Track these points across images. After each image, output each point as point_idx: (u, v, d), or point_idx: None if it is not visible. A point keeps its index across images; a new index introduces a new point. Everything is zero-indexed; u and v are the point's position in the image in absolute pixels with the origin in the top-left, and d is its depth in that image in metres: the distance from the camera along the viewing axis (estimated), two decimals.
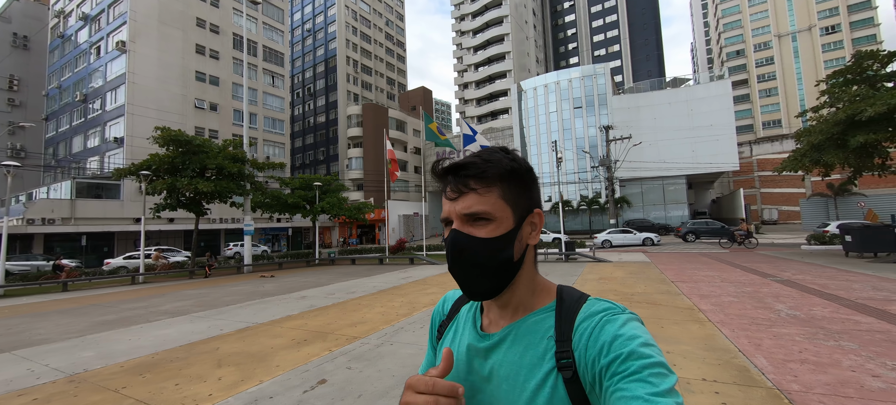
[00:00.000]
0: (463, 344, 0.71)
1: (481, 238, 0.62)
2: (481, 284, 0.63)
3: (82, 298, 11.86)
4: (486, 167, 0.63)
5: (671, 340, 4.87)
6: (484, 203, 0.62)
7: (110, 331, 6.85)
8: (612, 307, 0.62)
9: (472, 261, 0.62)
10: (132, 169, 16.32)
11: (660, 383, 0.50)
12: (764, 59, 66.78)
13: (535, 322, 0.65)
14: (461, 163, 0.64)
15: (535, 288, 0.68)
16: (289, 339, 5.66)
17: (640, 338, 0.55)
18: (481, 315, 0.73)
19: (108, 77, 33.68)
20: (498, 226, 0.63)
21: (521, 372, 0.62)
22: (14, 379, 4.51)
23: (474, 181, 0.63)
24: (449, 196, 0.65)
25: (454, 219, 0.64)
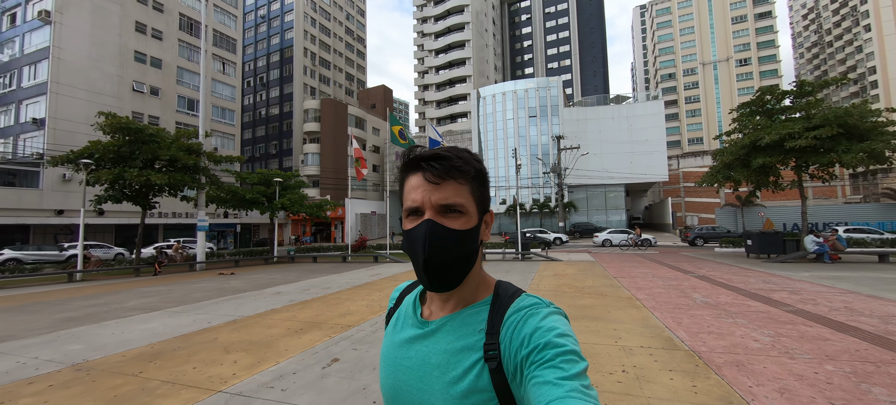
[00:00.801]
0: (403, 331, 0.75)
1: (456, 230, 0.65)
2: (447, 276, 0.66)
3: (20, 296, 10.86)
4: (461, 163, 0.67)
5: (617, 321, 6.04)
6: (460, 195, 0.66)
7: (83, 326, 6.69)
8: (539, 302, 0.66)
9: (446, 252, 0.65)
10: (70, 156, 14.91)
11: (570, 368, 0.54)
12: (691, 83, 75.18)
13: (470, 314, 0.69)
14: (441, 153, 0.67)
15: (478, 282, 0.72)
16: (285, 329, 6.06)
17: (558, 329, 0.59)
18: (422, 305, 0.77)
19: (24, 49, 29.79)
20: (468, 220, 0.67)
21: (451, 360, 0.65)
22: (10, 370, 4.51)
23: (454, 172, 0.66)
24: (430, 180, 0.66)
25: (428, 209, 0.66)
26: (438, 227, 0.64)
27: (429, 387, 0.66)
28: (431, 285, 0.66)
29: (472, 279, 0.70)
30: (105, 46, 31.21)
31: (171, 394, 3.68)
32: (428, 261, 0.64)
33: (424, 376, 0.67)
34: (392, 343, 0.76)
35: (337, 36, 62.93)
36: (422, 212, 0.66)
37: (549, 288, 9.48)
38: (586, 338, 5.15)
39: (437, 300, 0.74)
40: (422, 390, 0.66)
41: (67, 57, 29.07)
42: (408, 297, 0.82)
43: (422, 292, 0.80)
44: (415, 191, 0.67)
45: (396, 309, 0.83)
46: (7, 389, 3.91)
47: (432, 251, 0.64)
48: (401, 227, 0.71)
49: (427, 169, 0.66)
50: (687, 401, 3.27)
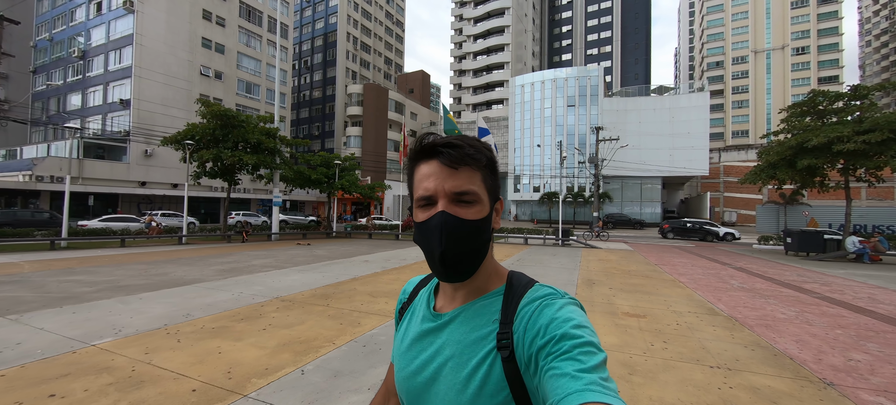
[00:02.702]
0: (416, 323, 0.76)
1: (470, 220, 0.65)
2: (463, 266, 0.65)
3: (166, 253, 13.47)
4: (474, 151, 0.66)
5: (665, 295, 7.46)
6: (474, 182, 0.66)
7: (244, 276, 8.83)
8: (553, 292, 0.65)
9: (463, 242, 0.64)
10: (177, 137, 17.54)
11: (588, 360, 0.53)
12: (740, 72, 71.58)
13: (484, 304, 0.69)
14: (453, 140, 0.66)
15: (490, 272, 0.72)
16: (404, 283, 7.88)
17: (574, 319, 0.58)
18: (435, 297, 0.77)
19: (111, 35, 33.24)
20: (481, 209, 0.66)
21: (465, 351, 0.65)
22: (236, 297, 6.55)
23: (469, 159, 0.65)
24: (446, 163, 0.65)
25: (441, 198, 0.65)
26: (453, 219, 0.64)
27: (444, 379, 0.66)
28: (447, 277, 0.67)
29: (484, 268, 0.70)
30: (178, 33, 34.26)
31: (366, 317, 5.52)
32: (444, 254, 0.64)
33: (439, 368, 0.67)
34: (405, 336, 0.77)
35: (377, 20, 64.42)
36: (435, 202, 0.65)
37: (597, 271, 10.90)
38: (644, 304, 6.62)
39: (448, 291, 0.74)
40: (437, 382, 0.67)
41: (147, 43, 32.27)
42: (422, 291, 0.82)
43: (436, 285, 0.79)
44: (427, 179, 0.66)
45: (409, 303, 0.83)
46: (253, 308, 5.91)
47: (448, 243, 0.63)
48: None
49: (443, 154, 0.65)
50: (726, 341, 4.74)
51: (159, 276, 8.57)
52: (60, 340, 4.33)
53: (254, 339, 4.46)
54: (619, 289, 7.95)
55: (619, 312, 6.07)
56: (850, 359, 4.21)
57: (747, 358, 4.21)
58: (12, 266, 9.90)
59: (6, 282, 7.61)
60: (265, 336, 4.59)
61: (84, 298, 6.35)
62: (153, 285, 7.54)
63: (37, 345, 4.18)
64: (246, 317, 5.37)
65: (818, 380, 3.67)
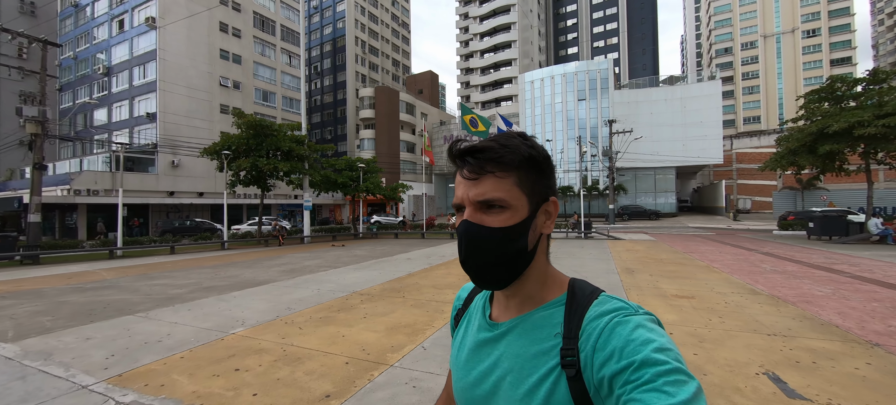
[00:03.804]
0: (473, 332, 0.73)
1: (495, 228, 0.61)
2: (492, 275, 0.63)
3: (217, 257, 14.34)
4: (504, 152, 0.61)
5: (704, 279, 8.03)
6: (500, 189, 0.61)
7: (307, 275, 9.59)
8: (625, 307, 0.59)
9: (485, 252, 0.61)
10: (214, 148, 18.45)
11: (677, 392, 0.46)
12: (749, 57, 70.98)
13: (543, 316, 0.64)
14: (478, 145, 0.63)
15: (545, 279, 0.67)
16: (458, 278, 8.56)
17: (655, 342, 0.51)
18: (491, 304, 0.73)
19: (135, 52, 34.40)
20: (513, 215, 0.61)
21: (526, 365, 0.61)
22: (318, 293, 7.28)
23: (491, 165, 0.61)
24: (466, 176, 0.63)
25: (467, 206, 0.63)
26: (474, 228, 0.62)
27: (503, 394, 0.63)
28: (478, 284, 0.66)
29: (533, 277, 0.66)
30: (197, 46, 35.32)
31: (446, 306, 6.20)
32: (465, 263, 0.63)
33: (498, 381, 0.64)
34: (462, 347, 0.73)
35: (384, 23, 65.13)
36: (464, 209, 0.64)
37: (631, 260, 11.47)
38: (688, 287, 7.21)
39: (501, 299, 0.71)
40: (496, 396, 0.64)
41: (169, 57, 33.37)
42: (478, 298, 0.79)
43: (492, 293, 0.75)
44: (458, 186, 0.65)
45: (465, 309, 0.80)
46: (341, 301, 6.63)
47: (469, 251, 0.62)
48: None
49: (462, 165, 0.64)
50: (775, 315, 5.33)
51: (232, 278, 9.36)
52: (201, 331, 5.08)
53: (363, 326, 5.17)
54: (659, 276, 8.54)
55: (669, 295, 6.67)
56: (891, 326, 4.78)
57: (798, 327, 4.80)
58: (90, 274, 10.79)
59: (101, 288, 8.45)
60: (370, 323, 5.30)
61: (185, 299, 7.13)
62: (235, 286, 8.32)
63: (184, 335, 4.93)
64: (341, 309, 6.09)
65: (865, 342, 4.26)
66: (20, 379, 3.73)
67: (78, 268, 12.09)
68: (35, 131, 17.76)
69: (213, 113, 36.09)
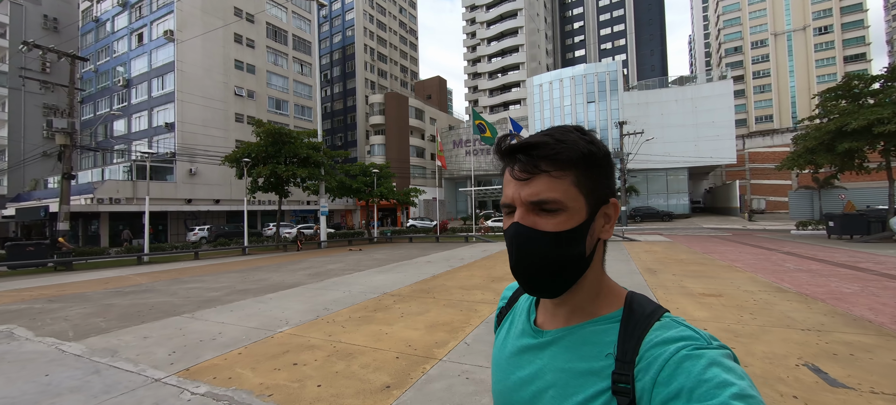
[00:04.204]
0: (515, 335, 0.68)
1: (549, 232, 0.55)
2: (545, 284, 0.58)
3: (241, 262, 14.73)
4: (560, 148, 0.55)
5: (729, 279, 8.09)
6: (555, 189, 0.55)
7: (332, 279, 9.85)
8: (695, 336, 0.51)
9: (538, 258, 0.56)
10: (235, 155, 18.97)
11: None
12: (760, 56, 70.25)
13: (595, 331, 0.58)
14: (531, 141, 0.57)
15: (600, 289, 0.61)
16: (481, 279, 8.74)
17: (734, 386, 0.44)
18: (537, 308, 0.68)
19: (153, 64, 35.40)
20: (569, 218, 0.56)
21: (571, 382, 0.56)
22: (350, 294, 7.52)
23: (546, 163, 0.55)
24: (517, 176, 0.57)
25: (518, 206, 0.58)
26: (525, 231, 0.56)
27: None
28: (530, 291, 0.61)
29: (586, 286, 0.60)
30: (213, 57, 36.22)
31: (478, 305, 6.39)
32: (516, 268, 0.58)
33: (538, 393, 0.59)
34: (504, 348, 0.69)
35: (392, 30, 65.95)
36: (515, 209, 0.58)
37: (651, 261, 11.53)
38: (714, 286, 7.30)
39: (548, 305, 0.65)
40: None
41: (187, 69, 34.28)
42: (523, 299, 0.74)
43: (535, 299, 0.70)
44: (507, 186, 0.60)
45: (509, 308, 0.76)
46: (375, 302, 6.85)
47: (520, 256, 0.57)
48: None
49: (513, 162, 0.58)
50: (805, 312, 5.42)
51: (261, 281, 9.66)
52: (250, 330, 5.34)
53: (402, 324, 5.38)
54: (682, 275, 8.61)
55: (696, 293, 6.77)
56: None
57: (831, 323, 4.89)
58: (124, 279, 11.20)
59: (140, 292, 8.80)
60: (409, 321, 5.51)
61: (224, 301, 7.43)
62: (267, 288, 8.61)
63: (235, 334, 5.20)
64: (377, 309, 6.31)
65: None
66: (95, 373, 4.01)
67: (111, 274, 12.53)
68: (64, 142, 18.42)
69: (228, 122, 36.90)
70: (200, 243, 25.49)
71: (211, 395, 3.37)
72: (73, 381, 3.81)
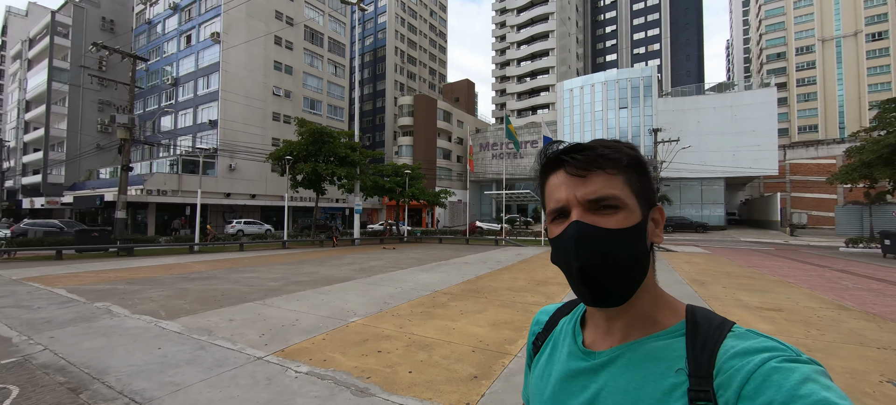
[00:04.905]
0: (561, 360, 0.62)
1: (613, 229, 0.53)
2: (615, 288, 0.53)
3: (284, 256, 15.47)
4: (610, 151, 0.56)
5: (785, 294, 7.91)
6: (613, 186, 0.54)
7: (380, 274, 10.24)
8: (781, 347, 0.47)
9: (607, 256, 0.52)
10: (277, 153, 19.89)
11: None
12: (805, 63, 66.75)
13: (658, 346, 0.53)
14: (583, 144, 0.57)
15: (656, 301, 0.57)
16: (526, 282, 8.90)
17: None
18: (583, 329, 0.63)
19: (200, 64, 37.40)
20: (628, 216, 0.54)
21: (637, 404, 0.51)
22: (402, 291, 7.86)
23: (602, 161, 0.55)
24: (572, 173, 0.55)
25: (574, 207, 0.55)
26: (590, 228, 0.53)
27: None
28: (593, 299, 0.55)
29: (644, 295, 0.56)
30: (255, 58, 37.92)
31: (532, 306, 6.57)
32: (583, 270, 0.53)
33: None
34: (547, 376, 0.63)
35: (422, 33, 66.83)
36: (568, 213, 0.56)
37: (695, 272, 11.32)
38: (770, 300, 7.17)
39: (601, 324, 0.60)
40: None
41: (231, 69, 36.03)
42: (564, 321, 0.68)
43: (583, 315, 0.65)
44: (558, 189, 0.57)
45: (546, 334, 0.69)
46: (430, 298, 7.15)
47: (586, 256, 0.52)
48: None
49: (569, 162, 0.56)
50: (877, 331, 5.30)
51: (313, 274, 10.16)
52: (323, 319, 5.73)
53: (466, 321, 5.63)
54: (734, 288, 8.47)
55: (753, 306, 6.69)
56: None
57: None
58: (184, 266, 12.01)
59: (204, 278, 9.46)
60: (471, 319, 5.75)
61: (285, 291, 7.91)
62: (320, 281, 9.07)
63: (312, 322, 5.59)
64: (434, 305, 6.60)
65: None
66: (201, 349, 4.46)
67: (170, 261, 13.44)
68: (125, 136, 19.76)
69: (266, 120, 38.50)
70: (238, 235, 26.80)
71: (314, 374, 3.71)
72: (185, 355, 4.27)
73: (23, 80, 51.03)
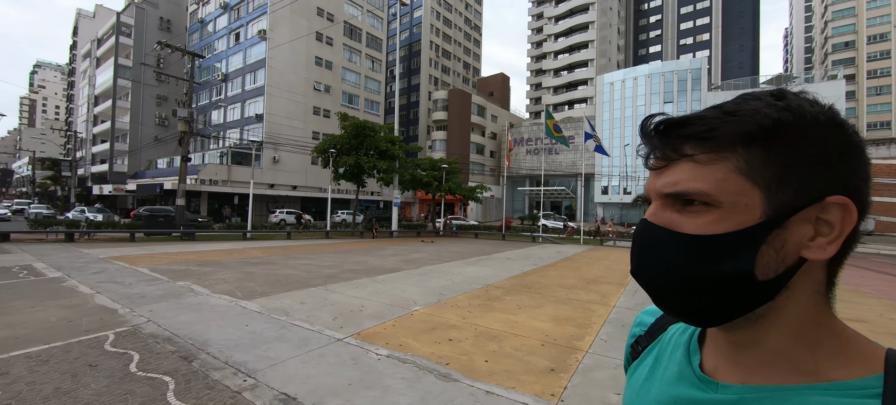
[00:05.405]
0: (668, 380, 0.48)
1: (686, 235, 0.40)
2: (680, 304, 0.41)
3: (329, 245, 16.17)
4: (719, 123, 0.38)
5: (865, 304, 7.35)
6: (700, 178, 0.39)
7: (426, 267, 10.47)
8: None
9: (665, 269, 0.41)
10: (322, 147, 20.69)
11: None
12: (878, 52, 60.53)
13: (822, 402, 0.37)
14: (683, 116, 0.41)
15: (821, 338, 0.40)
16: (576, 280, 8.80)
17: None
18: (700, 345, 0.48)
19: (247, 61, 39.36)
20: (723, 218, 0.38)
21: None
22: (454, 283, 8.01)
23: (692, 145, 0.40)
24: (652, 166, 0.43)
25: (654, 199, 0.43)
26: (653, 230, 0.42)
27: None
28: (666, 312, 0.44)
29: (785, 325, 0.40)
30: (298, 54, 39.39)
31: (591, 304, 6.51)
32: (636, 275, 0.44)
33: None
34: (645, 393, 0.51)
35: (457, 26, 66.62)
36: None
37: None
38: (847, 312, 6.69)
39: (723, 346, 0.44)
40: None
41: (276, 65, 37.65)
42: (675, 330, 0.54)
43: (700, 331, 0.50)
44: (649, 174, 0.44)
45: (650, 339, 0.56)
46: (482, 292, 7.26)
47: (641, 263, 0.43)
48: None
49: (649, 144, 0.43)
50: None
51: (362, 264, 10.56)
52: (387, 307, 5.98)
53: (526, 315, 5.68)
54: None
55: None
56: None
57: None
58: (243, 251, 12.81)
59: (264, 263, 10.06)
60: (530, 313, 5.80)
61: (342, 278, 8.28)
62: (371, 270, 9.41)
63: (376, 309, 5.85)
64: (490, 299, 6.69)
65: None
66: (284, 328, 4.80)
67: (227, 246, 14.39)
68: (184, 129, 21.15)
69: (307, 114, 39.99)
70: (281, 224, 28.14)
71: (394, 358, 3.91)
72: (272, 333, 4.61)
73: (92, 76, 55.88)
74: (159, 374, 3.42)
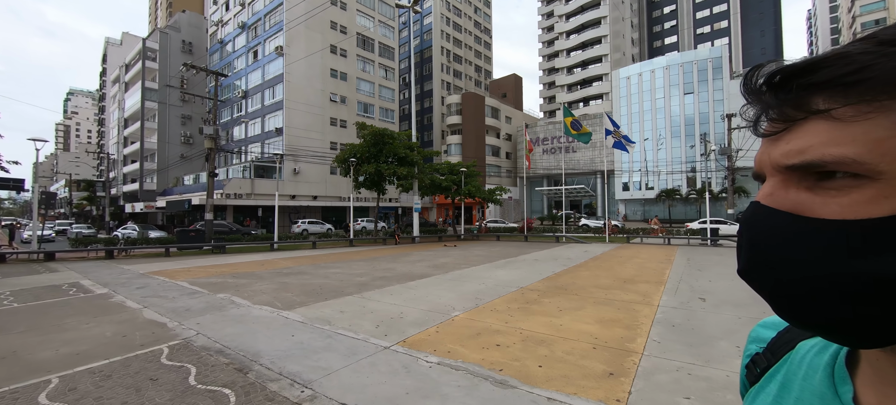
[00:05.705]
0: None
1: (825, 221, 0.28)
2: (821, 317, 0.29)
3: (354, 252, 16.34)
4: (876, 59, 0.26)
5: None
6: (848, 140, 0.27)
7: (455, 271, 10.42)
8: None
9: (794, 266, 0.29)
10: (342, 156, 20.99)
11: None
12: None
13: None
14: (810, 59, 0.29)
15: None
16: (611, 280, 8.57)
17: None
18: (851, 370, 0.35)
19: (266, 77, 40.46)
20: (885, 193, 0.26)
21: None
22: (487, 287, 7.93)
23: (829, 95, 0.28)
24: (765, 131, 0.32)
25: (768, 176, 0.33)
26: (770, 216, 0.31)
27: None
28: (799, 327, 0.32)
29: None
30: (314, 67, 40.24)
31: (632, 305, 6.32)
32: (748, 277, 0.33)
33: None
34: None
35: (467, 31, 66.79)
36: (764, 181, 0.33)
37: None
38: None
39: (889, 373, 0.31)
40: None
41: (293, 79, 38.55)
42: (808, 348, 0.40)
43: (849, 351, 0.36)
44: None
45: (774, 359, 0.43)
46: (518, 295, 7.14)
47: (753, 260, 0.32)
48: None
49: (758, 103, 0.32)
50: None
51: (391, 271, 10.58)
52: (425, 313, 5.94)
53: (569, 318, 5.54)
54: None
55: None
56: None
57: None
58: (273, 262, 13.06)
59: (295, 273, 10.21)
60: (573, 315, 5.66)
61: (374, 286, 8.31)
62: (401, 277, 9.42)
63: (416, 316, 5.82)
64: (527, 302, 6.57)
65: None
66: (329, 338, 4.81)
67: (258, 258, 14.70)
68: (210, 146, 21.81)
69: (324, 126, 40.73)
70: (303, 234, 28.65)
71: (445, 365, 3.86)
72: (318, 342, 4.63)
73: (121, 100, 58.49)
74: (219, 387, 3.47)
